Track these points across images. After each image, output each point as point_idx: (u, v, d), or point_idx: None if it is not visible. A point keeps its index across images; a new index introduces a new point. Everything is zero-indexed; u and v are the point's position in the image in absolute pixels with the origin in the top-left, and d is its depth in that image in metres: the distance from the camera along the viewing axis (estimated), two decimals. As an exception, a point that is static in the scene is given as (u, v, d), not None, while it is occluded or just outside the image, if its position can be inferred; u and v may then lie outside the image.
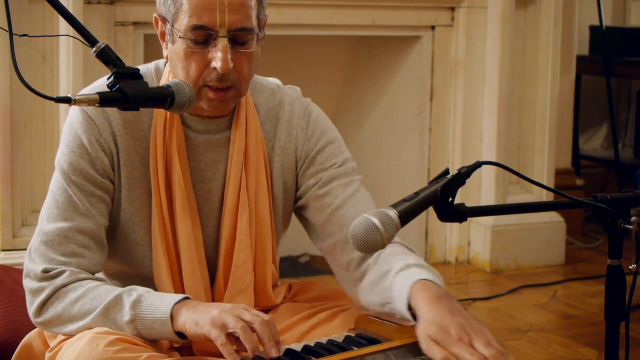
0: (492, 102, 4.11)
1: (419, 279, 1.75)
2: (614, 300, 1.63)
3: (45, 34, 3.21)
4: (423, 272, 1.78)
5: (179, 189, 1.90)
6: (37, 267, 1.86)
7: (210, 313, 1.71)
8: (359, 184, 1.99)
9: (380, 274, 1.85)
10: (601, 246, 4.58)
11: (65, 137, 1.90)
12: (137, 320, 1.77)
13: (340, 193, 1.96)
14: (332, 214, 1.95)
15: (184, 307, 1.76)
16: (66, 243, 1.86)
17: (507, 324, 3.47)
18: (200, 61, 1.82)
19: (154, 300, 1.79)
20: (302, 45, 4.16)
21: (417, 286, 1.74)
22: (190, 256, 1.91)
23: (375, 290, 1.85)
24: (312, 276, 3.93)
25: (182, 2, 1.81)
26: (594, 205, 1.62)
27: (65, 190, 1.88)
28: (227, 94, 1.85)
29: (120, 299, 1.80)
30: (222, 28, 1.80)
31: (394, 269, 1.81)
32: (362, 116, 4.42)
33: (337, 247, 1.94)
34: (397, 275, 1.79)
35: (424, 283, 1.74)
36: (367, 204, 1.95)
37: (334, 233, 1.94)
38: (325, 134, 2.01)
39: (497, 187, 4.12)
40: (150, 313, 1.77)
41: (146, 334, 1.79)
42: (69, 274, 1.84)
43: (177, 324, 1.75)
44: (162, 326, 1.76)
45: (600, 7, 4.67)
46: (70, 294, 1.83)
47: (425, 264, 1.84)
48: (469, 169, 1.58)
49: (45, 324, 1.86)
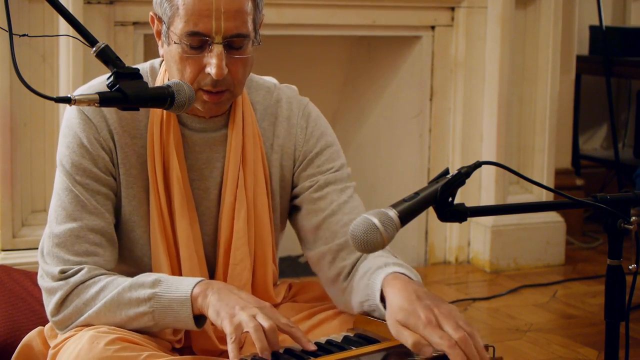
0: (492, 102, 4.11)
1: (391, 272, 1.77)
2: (614, 300, 1.63)
3: (45, 34, 3.21)
4: (399, 268, 1.80)
5: (177, 187, 1.90)
6: (53, 269, 1.86)
7: (234, 308, 1.72)
8: (352, 191, 2.00)
9: (361, 275, 1.86)
10: (601, 246, 4.58)
11: (65, 137, 1.90)
12: (155, 299, 1.77)
13: (335, 199, 1.96)
14: (325, 220, 1.95)
15: (209, 288, 1.76)
16: (79, 243, 1.86)
17: (507, 324, 3.47)
18: (195, 66, 1.82)
19: (174, 280, 1.80)
20: (302, 45, 4.16)
21: (388, 278, 1.76)
22: (190, 254, 1.91)
23: (356, 290, 1.86)
24: (312, 276, 3.90)
25: (178, 7, 1.81)
26: (594, 205, 1.62)
27: (71, 190, 1.88)
28: (221, 97, 1.86)
29: (138, 280, 1.81)
30: (218, 35, 1.80)
31: (372, 268, 1.83)
32: (362, 116, 4.42)
33: (327, 256, 1.95)
34: (374, 272, 1.81)
35: (395, 275, 1.76)
36: (360, 212, 1.95)
37: (326, 239, 1.95)
38: (324, 137, 2.02)
39: (497, 187, 4.12)
40: (169, 292, 1.77)
41: (159, 317, 1.78)
42: (87, 271, 1.85)
43: (198, 305, 1.75)
44: (181, 306, 1.76)
45: (600, 7, 4.67)
46: (90, 289, 1.83)
47: (404, 264, 1.85)
48: (468, 169, 1.58)
49: (65, 320, 1.86)
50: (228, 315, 1.71)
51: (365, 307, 1.83)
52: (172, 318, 1.78)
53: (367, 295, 1.81)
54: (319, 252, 1.96)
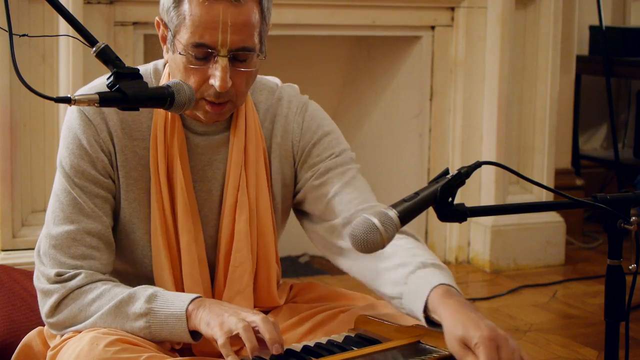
0: (492, 102, 4.11)
1: (439, 284, 1.73)
2: (614, 300, 1.63)
3: (45, 34, 3.21)
4: (441, 274, 1.76)
5: (180, 190, 1.90)
6: (49, 270, 1.86)
7: (222, 316, 1.73)
8: (355, 172, 1.98)
9: (394, 265, 1.82)
10: (601, 246, 4.58)
11: (65, 139, 1.90)
12: (151, 314, 1.78)
13: (337, 181, 1.95)
14: (329, 202, 1.94)
15: (201, 306, 1.77)
16: (75, 246, 1.86)
17: (507, 324, 3.47)
18: (199, 76, 1.82)
19: (170, 296, 1.81)
20: (302, 45, 4.16)
21: (438, 292, 1.71)
22: (191, 257, 1.91)
23: (387, 279, 1.82)
24: (312, 276, 3.93)
25: (185, 17, 1.80)
26: (594, 205, 1.62)
27: (69, 192, 1.88)
28: (223, 108, 1.85)
29: (134, 294, 1.81)
30: (224, 48, 1.79)
31: (411, 265, 1.80)
32: (362, 116, 4.42)
33: (334, 231, 1.92)
34: (414, 273, 1.78)
35: (447, 289, 1.72)
36: (364, 191, 1.95)
37: (331, 219, 1.93)
38: (321, 127, 2.01)
39: (497, 187, 4.12)
40: (165, 307, 1.78)
41: (156, 331, 1.79)
42: (84, 276, 1.85)
43: (193, 322, 1.76)
44: (177, 321, 1.77)
45: (600, 7, 4.67)
46: (87, 295, 1.84)
47: (439, 262, 1.82)
48: (468, 169, 1.58)
49: (59, 324, 1.86)
50: (217, 324, 1.72)
51: (393, 301, 1.80)
52: (169, 332, 1.79)
53: (401, 294, 1.77)
54: (324, 226, 1.95)
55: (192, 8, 1.79)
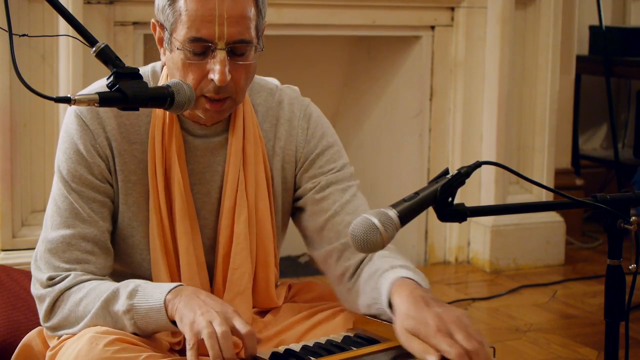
0: (491, 102, 4.11)
1: (399, 277, 1.76)
2: (614, 300, 1.63)
3: (45, 34, 3.21)
4: (407, 272, 1.79)
5: (178, 193, 1.89)
6: (42, 275, 1.87)
7: (195, 313, 1.71)
8: (355, 190, 2.00)
9: (367, 277, 1.85)
10: (601, 246, 4.58)
11: (62, 143, 1.90)
12: (133, 310, 1.77)
13: (338, 199, 1.96)
14: (329, 221, 1.95)
15: (177, 295, 1.75)
16: (70, 250, 1.87)
17: (506, 324, 3.47)
18: (197, 72, 1.82)
19: (150, 289, 1.79)
20: (302, 45, 4.16)
21: (396, 283, 1.74)
22: (189, 260, 1.91)
23: (363, 292, 1.85)
24: (312, 276, 3.93)
25: (180, 13, 1.80)
26: (594, 205, 1.62)
27: (66, 197, 1.88)
28: (223, 105, 1.85)
29: (117, 291, 1.80)
30: (221, 40, 1.79)
31: (379, 270, 1.82)
32: (362, 116, 4.42)
33: (333, 255, 1.94)
34: (381, 276, 1.80)
35: (403, 280, 1.75)
36: (363, 211, 1.95)
37: (330, 240, 1.94)
38: (326, 137, 2.01)
39: (497, 187, 4.12)
40: (145, 301, 1.77)
41: (143, 325, 1.78)
42: (72, 277, 1.85)
43: (170, 312, 1.75)
44: (158, 314, 1.76)
45: (600, 7, 4.67)
46: (73, 296, 1.84)
47: (411, 266, 1.84)
48: (468, 169, 1.58)
49: (55, 327, 1.87)
50: (189, 322, 1.70)
51: (372, 310, 1.82)
52: (155, 326, 1.78)
53: (374, 298, 1.80)
54: (325, 251, 1.95)
55: (187, 3, 1.79)
